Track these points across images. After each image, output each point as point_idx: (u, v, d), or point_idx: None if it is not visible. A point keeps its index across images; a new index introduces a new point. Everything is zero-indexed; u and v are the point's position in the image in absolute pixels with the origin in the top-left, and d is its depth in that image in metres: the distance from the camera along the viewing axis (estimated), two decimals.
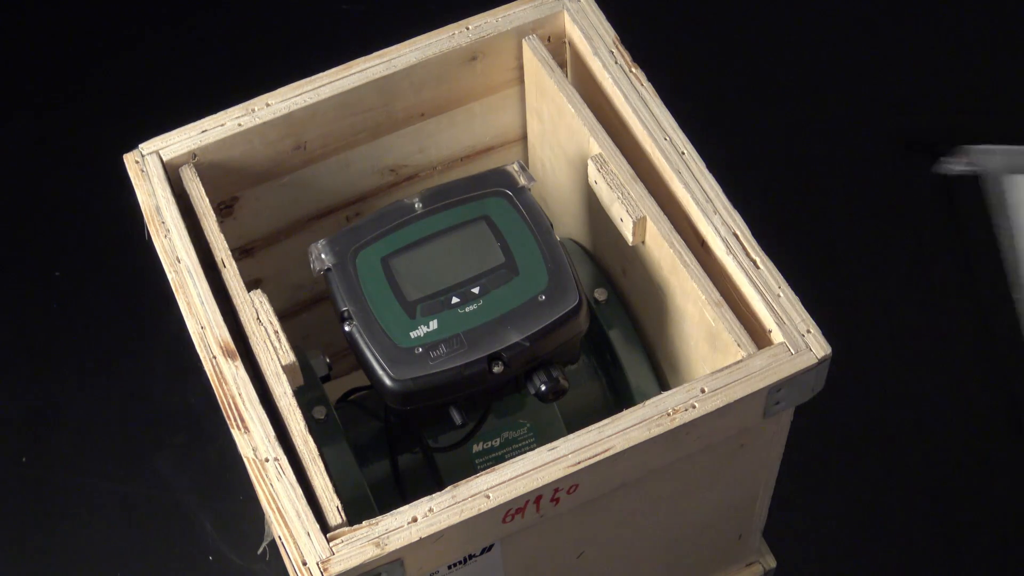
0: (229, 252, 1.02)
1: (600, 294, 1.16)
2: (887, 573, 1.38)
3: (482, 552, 0.97)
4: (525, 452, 0.93)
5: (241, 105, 1.08)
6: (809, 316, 0.97)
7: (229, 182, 1.10)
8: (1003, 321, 1.51)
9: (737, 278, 1.00)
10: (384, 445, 1.12)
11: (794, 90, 1.72)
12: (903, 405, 1.48)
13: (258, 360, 0.97)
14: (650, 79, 1.09)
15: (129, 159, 1.07)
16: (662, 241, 1.03)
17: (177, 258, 1.02)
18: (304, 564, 0.89)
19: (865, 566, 1.38)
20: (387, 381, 0.97)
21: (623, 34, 1.10)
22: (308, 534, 0.90)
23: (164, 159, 1.06)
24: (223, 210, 1.12)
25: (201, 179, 1.06)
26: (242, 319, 0.99)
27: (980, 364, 1.50)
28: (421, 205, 1.04)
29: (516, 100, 1.20)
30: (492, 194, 1.04)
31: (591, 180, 1.08)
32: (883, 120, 1.69)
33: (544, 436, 1.10)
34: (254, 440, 0.94)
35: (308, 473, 0.92)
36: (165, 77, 1.76)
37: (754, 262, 0.99)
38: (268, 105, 1.08)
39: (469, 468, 1.09)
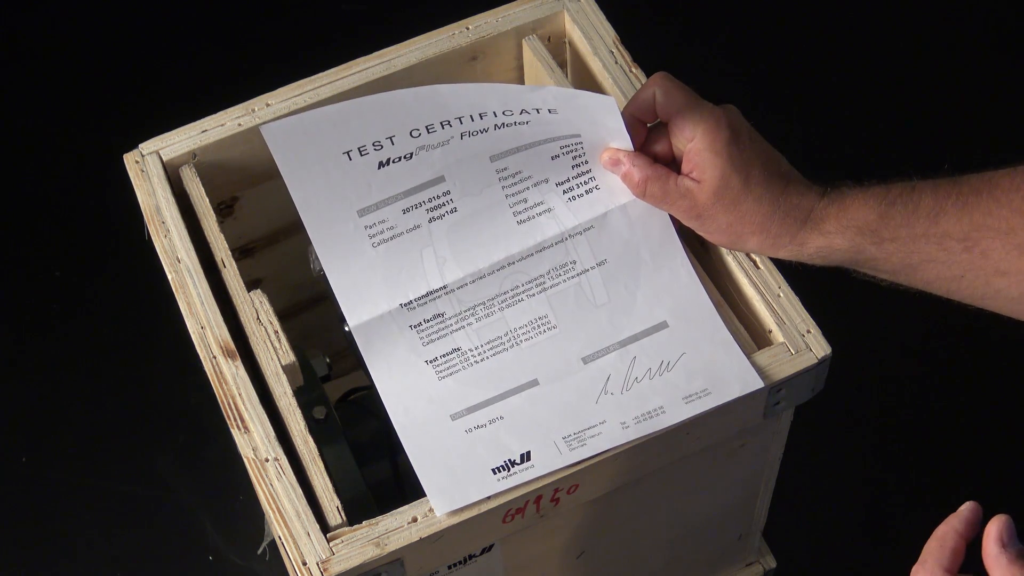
0: (229, 252, 1.02)
1: None
2: (887, 573, 1.38)
3: (482, 552, 0.97)
4: None
5: (241, 105, 1.08)
6: (809, 316, 0.97)
7: (229, 182, 1.10)
8: (1002, 321, 1.51)
9: (737, 278, 1.00)
10: (384, 445, 1.11)
11: (794, 90, 1.72)
12: (903, 405, 1.48)
13: (258, 360, 0.97)
14: None
15: (129, 159, 1.07)
16: None
17: (177, 258, 1.02)
18: (304, 564, 0.89)
19: (865, 566, 1.38)
20: None
21: (623, 34, 1.10)
22: (308, 534, 0.90)
23: (164, 159, 1.06)
24: (223, 210, 1.12)
25: (201, 179, 1.06)
26: (242, 319, 0.99)
27: (980, 364, 1.50)
28: None
29: None
30: None
31: None
32: (883, 120, 1.69)
33: None
34: (254, 440, 0.94)
35: (308, 473, 0.92)
36: (165, 77, 1.76)
37: (754, 262, 0.99)
38: (268, 105, 1.08)
39: None
